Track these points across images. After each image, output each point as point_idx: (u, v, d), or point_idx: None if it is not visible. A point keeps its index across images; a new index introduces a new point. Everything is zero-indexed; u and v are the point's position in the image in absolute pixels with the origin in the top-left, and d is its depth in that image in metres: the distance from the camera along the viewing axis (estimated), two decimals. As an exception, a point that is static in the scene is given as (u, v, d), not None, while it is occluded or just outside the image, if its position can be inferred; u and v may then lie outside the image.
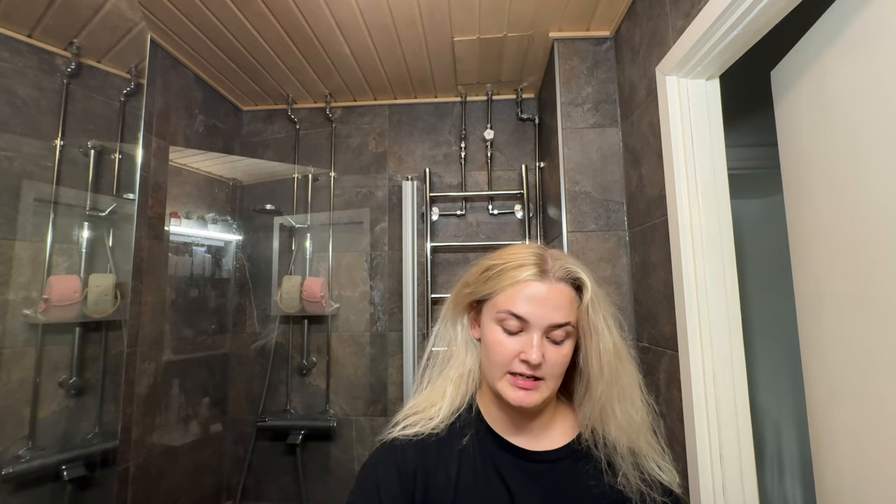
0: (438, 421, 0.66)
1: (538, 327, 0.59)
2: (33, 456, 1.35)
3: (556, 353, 0.60)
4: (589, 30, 1.70)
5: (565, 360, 0.61)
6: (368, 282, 2.21)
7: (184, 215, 1.93)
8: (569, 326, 0.60)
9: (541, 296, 0.60)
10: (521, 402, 0.59)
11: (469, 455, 0.64)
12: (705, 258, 1.14)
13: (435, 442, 0.65)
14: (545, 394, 0.60)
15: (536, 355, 0.58)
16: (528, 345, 0.59)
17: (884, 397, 0.76)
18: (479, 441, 0.65)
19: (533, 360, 0.58)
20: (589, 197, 1.63)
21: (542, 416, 0.66)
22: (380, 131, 2.28)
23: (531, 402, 0.59)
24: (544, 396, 0.60)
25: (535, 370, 0.59)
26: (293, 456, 2.13)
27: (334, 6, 1.54)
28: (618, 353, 0.62)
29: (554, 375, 0.61)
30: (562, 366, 0.61)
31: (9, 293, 1.37)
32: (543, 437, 0.65)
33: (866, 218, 0.79)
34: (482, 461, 0.63)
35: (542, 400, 0.60)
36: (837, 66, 0.85)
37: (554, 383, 0.61)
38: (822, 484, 0.94)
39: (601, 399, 0.62)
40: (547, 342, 0.60)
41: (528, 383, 0.59)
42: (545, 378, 0.60)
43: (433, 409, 0.68)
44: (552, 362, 0.60)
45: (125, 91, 1.63)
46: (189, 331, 1.99)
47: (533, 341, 0.59)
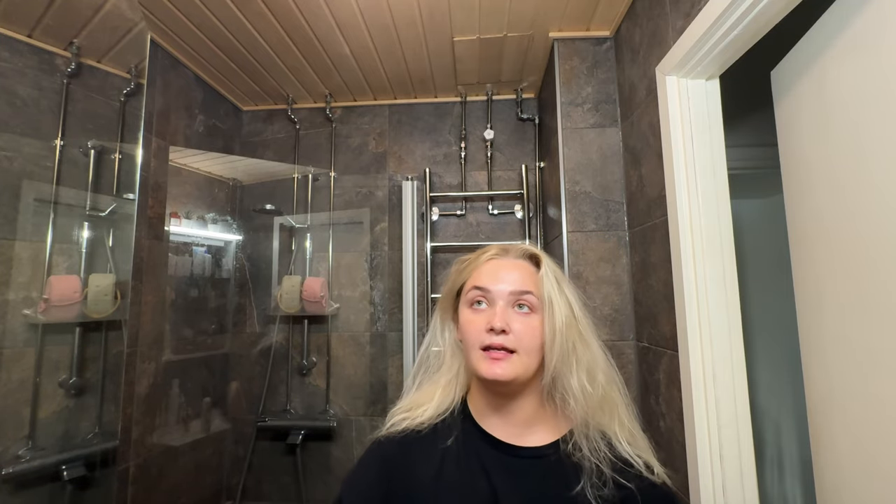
0: (423, 419, 0.69)
1: (501, 296, 0.63)
2: (33, 456, 1.35)
3: (523, 322, 0.62)
4: (589, 30, 1.70)
5: (535, 331, 0.62)
6: (368, 282, 2.21)
7: (184, 215, 1.93)
8: (531, 296, 0.63)
9: (501, 269, 0.65)
10: (493, 374, 0.61)
11: (454, 452, 0.65)
12: (705, 258, 1.14)
13: (418, 438, 0.67)
14: (518, 367, 0.61)
15: (499, 319, 0.61)
16: (493, 315, 0.62)
17: (884, 397, 0.76)
18: (464, 438, 0.66)
19: (496, 324, 0.61)
20: (589, 197, 1.63)
21: (525, 408, 0.65)
22: (380, 131, 2.28)
23: (502, 374, 0.60)
24: (517, 370, 0.61)
25: (504, 339, 0.61)
26: (293, 456, 2.13)
27: (334, 6, 1.54)
28: (571, 324, 0.63)
29: (525, 348, 0.61)
30: (531, 337, 0.62)
31: (9, 293, 1.37)
32: (529, 434, 0.65)
33: (866, 218, 0.79)
34: (467, 457, 0.64)
35: (514, 373, 0.61)
36: (837, 66, 0.85)
37: (528, 357, 0.62)
38: (822, 484, 0.94)
39: (554, 369, 0.62)
40: (514, 313, 0.63)
41: (499, 354, 0.61)
42: (517, 350, 0.61)
43: (419, 410, 0.70)
44: (520, 332, 0.62)
45: (125, 91, 1.63)
46: (189, 331, 1.99)
47: (497, 309, 0.62)
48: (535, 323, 0.62)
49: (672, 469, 1.26)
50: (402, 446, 0.67)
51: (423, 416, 0.69)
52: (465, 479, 0.62)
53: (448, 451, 0.65)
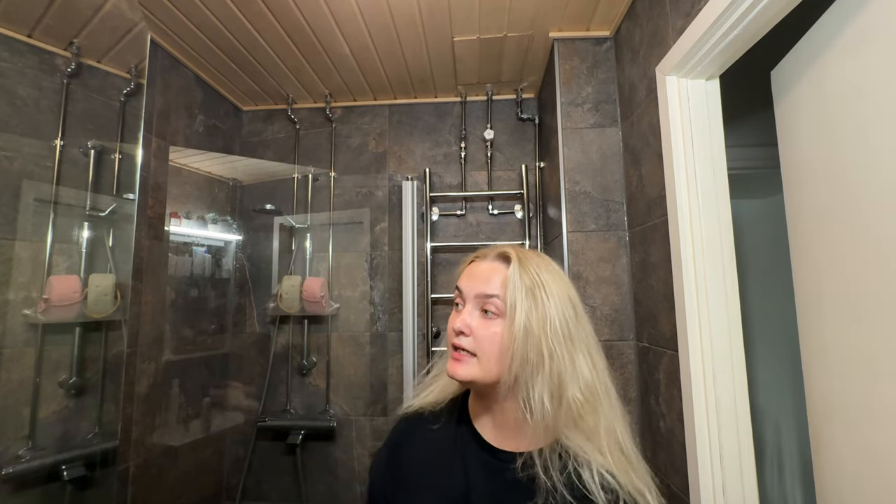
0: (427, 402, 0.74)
1: (469, 297, 0.65)
2: (33, 456, 1.35)
3: (483, 326, 0.63)
4: (589, 30, 1.70)
5: (494, 337, 0.62)
6: (368, 282, 2.21)
7: (184, 215, 1.93)
8: (496, 300, 0.63)
9: (476, 271, 0.67)
10: (451, 373, 0.64)
11: (445, 445, 0.68)
12: (705, 258, 1.14)
13: (423, 423, 0.73)
14: (474, 370, 0.62)
15: (459, 321, 0.64)
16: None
17: (884, 397, 0.76)
18: (456, 434, 0.69)
19: (455, 325, 0.64)
20: (589, 197, 1.63)
21: (508, 412, 0.63)
22: (380, 131, 2.28)
23: (456, 373, 0.63)
24: (474, 373, 0.62)
25: (464, 341, 0.63)
26: (293, 456, 2.13)
27: (334, 6, 1.54)
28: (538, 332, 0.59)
29: (484, 353, 0.62)
30: (490, 342, 0.62)
31: (9, 293, 1.37)
32: (514, 438, 0.64)
33: (866, 218, 0.79)
34: (453, 452, 0.67)
35: (471, 375, 0.62)
36: (837, 66, 0.85)
37: (487, 362, 0.62)
38: (822, 484, 0.94)
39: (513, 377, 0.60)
40: (480, 316, 0.64)
41: (460, 355, 0.64)
42: (476, 354, 0.63)
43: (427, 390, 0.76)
44: (479, 336, 0.63)
45: (125, 91, 1.63)
46: (189, 331, 1.99)
47: (463, 311, 0.65)
48: (497, 328, 0.62)
49: (672, 469, 1.26)
50: (409, 426, 0.74)
51: (429, 398, 0.74)
52: (445, 472, 0.65)
53: (440, 443, 0.69)
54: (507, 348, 0.60)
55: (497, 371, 0.62)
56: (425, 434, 0.71)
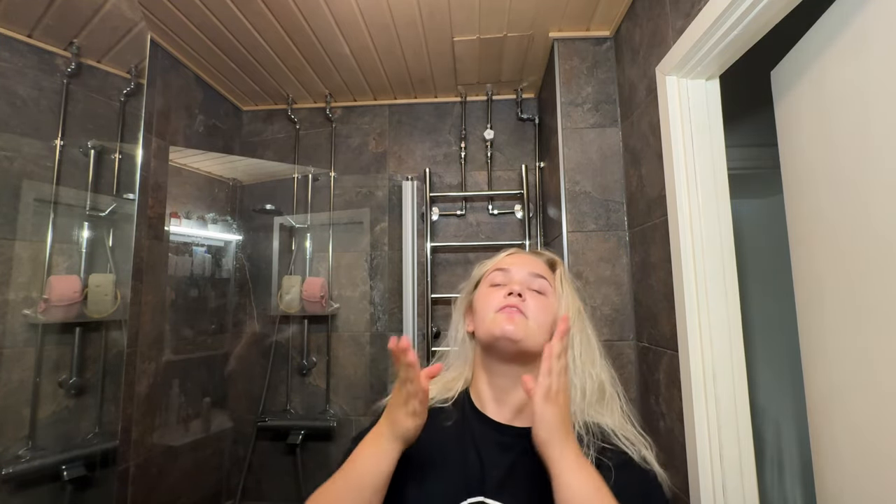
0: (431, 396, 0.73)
1: (520, 273, 0.71)
2: (33, 456, 1.35)
3: (537, 298, 0.68)
4: (589, 30, 1.70)
5: (546, 308, 0.68)
6: (368, 282, 2.21)
7: (184, 215, 1.93)
8: (545, 281, 0.70)
9: (520, 257, 0.74)
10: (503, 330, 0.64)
11: (452, 433, 0.69)
12: (705, 258, 1.14)
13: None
14: (527, 329, 0.65)
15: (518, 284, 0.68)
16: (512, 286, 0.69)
17: (884, 397, 0.76)
18: (463, 422, 0.69)
19: (515, 288, 0.67)
20: (589, 197, 1.63)
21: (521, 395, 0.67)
22: (380, 131, 2.28)
23: (513, 330, 0.64)
24: (526, 331, 0.65)
25: (520, 302, 0.66)
26: (293, 456, 2.13)
27: (334, 6, 1.54)
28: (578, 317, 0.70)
29: (537, 319, 0.66)
30: (543, 311, 0.67)
31: (9, 293, 1.37)
32: (522, 417, 0.67)
33: (866, 217, 0.79)
34: (462, 435, 0.68)
35: (524, 333, 0.64)
36: (837, 66, 0.85)
37: (537, 327, 0.66)
38: (823, 484, 0.94)
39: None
40: (529, 290, 0.69)
41: (511, 311, 0.66)
42: (528, 316, 0.66)
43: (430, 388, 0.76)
44: (533, 305, 0.67)
45: (125, 91, 1.63)
46: (189, 331, 1.99)
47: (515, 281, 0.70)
48: (546, 303, 0.68)
49: (672, 469, 1.26)
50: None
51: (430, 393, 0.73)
52: (458, 452, 0.66)
53: (447, 431, 0.69)
54: (549, 325, 0.67)
55: (541, 339, 0.65)
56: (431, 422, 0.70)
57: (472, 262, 2.14)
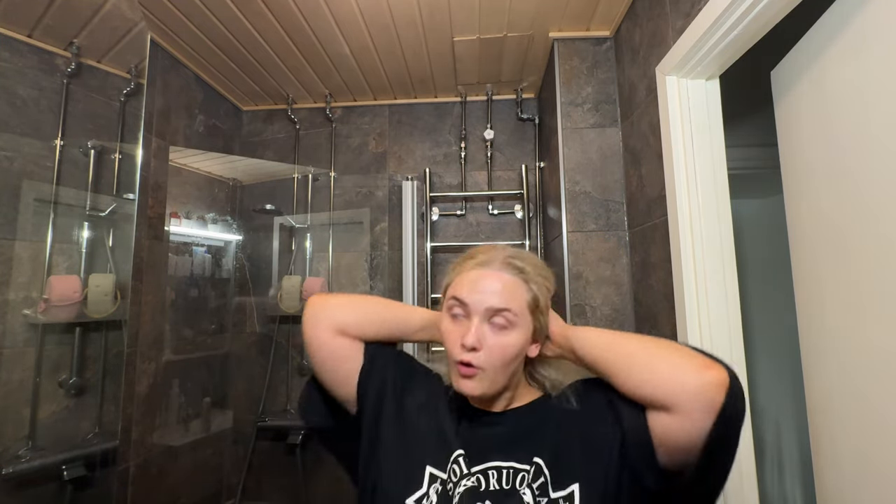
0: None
1: (477, 311, 0.61)
2: (33, 456, 1.35)
3: (496, 340, 0.60)
4: (589, 30, 1.70)
5: (507, 349, 0.60)
6: (368, 282, 2.21)
7: (184, 215, 1.93)
8: (509, 313, 0.60)
9: (481, 280, 0.62)
10: (462, 391, 0.61)
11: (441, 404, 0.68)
12: (705, 258, 1.14)
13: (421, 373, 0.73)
14: (485, 384, 0.61)
15: (471, 336, 0.59)
16: (467, 329, 0.61)
17: (884, 397, 0.76)
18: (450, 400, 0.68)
19: (467, 342, 0.59)
20: (589, 197, 1.63)
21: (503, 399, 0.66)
22: (380, 131, 2.28)
23: (470, 391, 0.61)
24: (485, 387, 0.61)
25: (474, 357, 0.60)
26: (293, 456, 2.13)
27: (334, 6, 1.54)
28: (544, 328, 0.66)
29: (494, 365, 0.60)
30: (502, 355, 0.60)
31: (9, 293, 1.37)
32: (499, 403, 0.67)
33: (866, 217, 0.79)
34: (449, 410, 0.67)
35: (482, 390, 0.61)
36: (837, 66, 0.85)
37: (496, 374, 0.61)
38: (823, 484, 0.94)
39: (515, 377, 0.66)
40: (489, 329, 0.61)
41: (469, 371, 0.60)
42: (484, 367, 0.60)
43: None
44: (490, 349, 0.60)
45: (125, 91, 1.63)
46: (189, 331, 1.99)
47: (472, 325, 0.61)
48: (510, 340, 0.61)
49: (672, 469, 1.26)
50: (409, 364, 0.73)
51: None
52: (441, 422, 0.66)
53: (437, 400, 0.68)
54: (513, 359, 0.62)
55: (503, 381, 0.62)
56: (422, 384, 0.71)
57: (472, 262, 2.14)
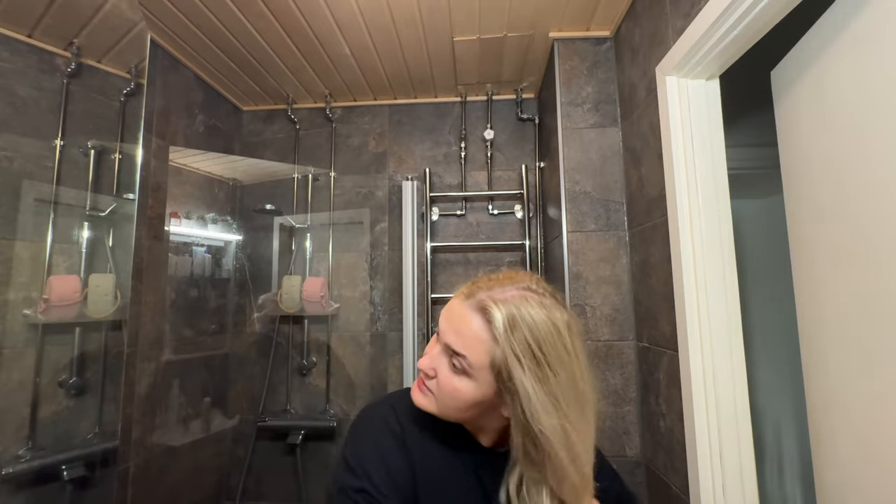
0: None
1: (442, 341, 0.61)
2: (33, 456, 1.35)
3: (447, 377, 0.58)
4: (589, 30, 1.70)
5: (457, 394, 0.58)
6: (368, 282, 2.21)
7: (184, 215, 1.93)
8: (465, 360, 0.56)
9: (450, 314, 0.61)
10: (413, 398, 0.63)
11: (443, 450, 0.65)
12: (705, 258, 1.14)
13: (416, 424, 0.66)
14: (432, 405, 0.61)
15: (424, 360, 0.61)
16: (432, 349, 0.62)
17: (884, 396, 0.76)
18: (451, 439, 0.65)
19: (420, 363, 0.62)
20: (589, 197, 1.63)
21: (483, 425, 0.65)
22: (380, 131, 2.28)
23: (419, 403, 0.62)
24: (429, 407, 0.61)
25: (427, 380, 0.61)
26: (293, 456, 2.13)
27: (334, 6, 1.54)
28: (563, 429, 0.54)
29: (444, 401, 0.59)
30: (452, 395, 0.58)
31: (9, 293, 1.37)
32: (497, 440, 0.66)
33: (866, 217, 0.79)
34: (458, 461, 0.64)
35: (428, 408, 0.61)
36: (837, 66, 0.85)
37: (446, 408, 0.59)
38: (823, 484, 0.94)
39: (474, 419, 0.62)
40: (447, 365, 0.59)
41: (421, 384, 0.62)
42: (434, 393, 0.60)
43: None
44: (441, 385, 0.59)
45: (125, 91, 1.63)
46: (189, 331, 1.99)
47: (434, 350, 0.62)
48: (462, 386, 0.57)
49: (672, 469, 1.26)
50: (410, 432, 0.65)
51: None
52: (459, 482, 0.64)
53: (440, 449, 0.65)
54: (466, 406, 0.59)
55: (454, 416, 0.61)
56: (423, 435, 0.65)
57: (471, 262, 2.15)
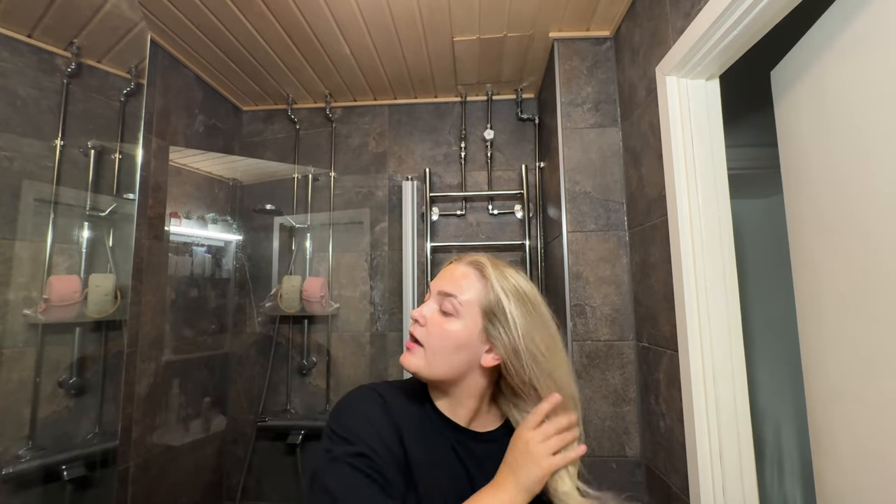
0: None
1: (432, 293, 0.68)
2: (33, 456, 1.35)
3: (437, 321, 0.65)
4: (589, 30, 1.70)
5: (446, 334, 0.64)
6: (368, 282, 2.21)
7: (184, 215, 1.93)
8: (455, 300, 0.64)
9: (444, 270, 0.70)
10: (402, 361, 0.66)
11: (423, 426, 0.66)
12: (705, 258, 1.14)
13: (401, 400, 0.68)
14: (420, 362, 0.64)
15: (417, 309, 0.67)
16: None
17: (884, 397, 0.76)
18: (429, 416, 0.68)
19: (413, 313, 0.67)
20: (589, 197, 1.63)
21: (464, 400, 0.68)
22: (380, 131, 2.28)
23: (408, 364, 0.65)
24: (419, 364, 0.64)
25: (416, 330, 0.66)
26: (293, 456, 2.13)
27: (334, 6, 1.54)
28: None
29: (431, 346, 0.64)
30: (440, 336, 0.64)
31: (9, 293, 1.37)
32: (478, 421, 0.69)
33: (866, 217, 0.79)
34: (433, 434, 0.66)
35: (418, 368, 0.64)
36: (837, 66, 0.85)
37: (433, 356, 0.64)
38: (823, 484, 0.94)
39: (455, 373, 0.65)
40: (438, 311, 0.66)
41: (409, 343, 0.67)
42: (424, 345, 0.65)
43: None
44: (430, 327, 0.65)
45: (125, 91, 1.63)
46: (189, 331, 1.99)
47: (425, 303, 0.68)
48: (451, 327, 0.64)
49: (672, 469, 1.26)
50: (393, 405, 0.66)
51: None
52: (441, 460, 0.65)
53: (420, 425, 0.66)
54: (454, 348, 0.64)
55: (441, 368, 0.64)
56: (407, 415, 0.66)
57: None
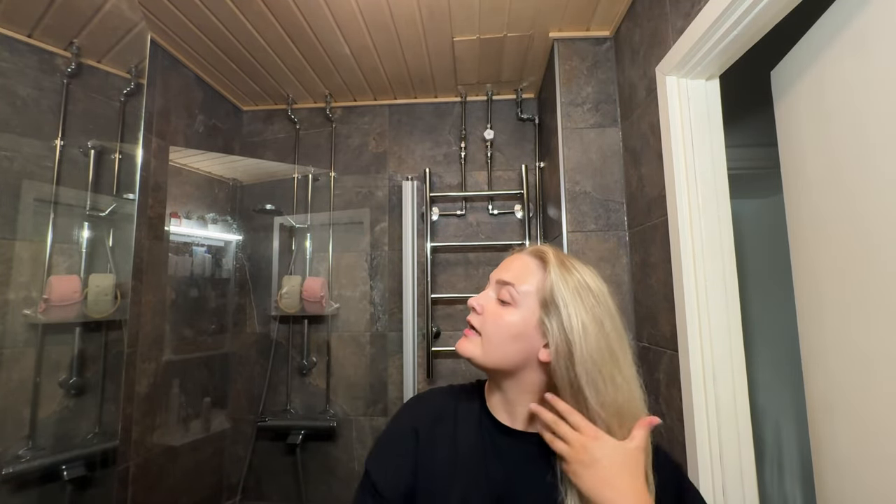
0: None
1: (491, 283, 0.68)
2: (33, 456, 1.35)
3: (495, 309, 0.65)
4: (589, 30, 1.70)
5: (502, 321, 0.63)
6: (368, 282, 2.21)
7: (184, 215, 1.93)
8: (512, 288, 0.64)
9: (507, 260, 0.69)
10: (458, 347, 0.66)
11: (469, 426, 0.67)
12: (705, 258, 1.14)
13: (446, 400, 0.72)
14: (475, 349, 0.64)
15: (475, 297, 0.67)
16: None
17: (884, 397, 0.76)
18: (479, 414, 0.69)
19: (470, 301, 0.67)
20: (589, 197, 1.63)
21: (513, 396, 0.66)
22: (380, 131, 2.28)
23: (463, 350, 0.65)
24: (473, 351, 0.64)
25: (473, 318, 0.66)
26: (293, 456, 2.13)
27: (334, 6, 1.54)
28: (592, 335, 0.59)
29: (488, 333, 0.64)
30: (496, 323, 0.63)
31: (9, 293, 1.36)
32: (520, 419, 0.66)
33: (866, 217, 0.79)
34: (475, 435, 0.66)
35: (471, 353, 0.64)
36: (837, 66, 0.85)
37: (489, 344, 0.63)
38: (822, 484, 0.94)
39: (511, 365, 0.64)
40: (496, 300, 0.66)
41: (466, 330, 0.67)
42: (481, 332, 0.64)
43: None
44: (487, 315, 0.65)
45: (125, 91, 1.63)
46: (189, 331, 1.99)
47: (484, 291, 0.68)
48: (507, 315, 0.63)
49: (672, 469, 1.26)
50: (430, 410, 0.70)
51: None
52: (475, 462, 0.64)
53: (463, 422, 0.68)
54: (510, 338, 0.62)
55: (497, 356, 0.63)
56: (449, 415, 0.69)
57: (472, 262, 2.15)
